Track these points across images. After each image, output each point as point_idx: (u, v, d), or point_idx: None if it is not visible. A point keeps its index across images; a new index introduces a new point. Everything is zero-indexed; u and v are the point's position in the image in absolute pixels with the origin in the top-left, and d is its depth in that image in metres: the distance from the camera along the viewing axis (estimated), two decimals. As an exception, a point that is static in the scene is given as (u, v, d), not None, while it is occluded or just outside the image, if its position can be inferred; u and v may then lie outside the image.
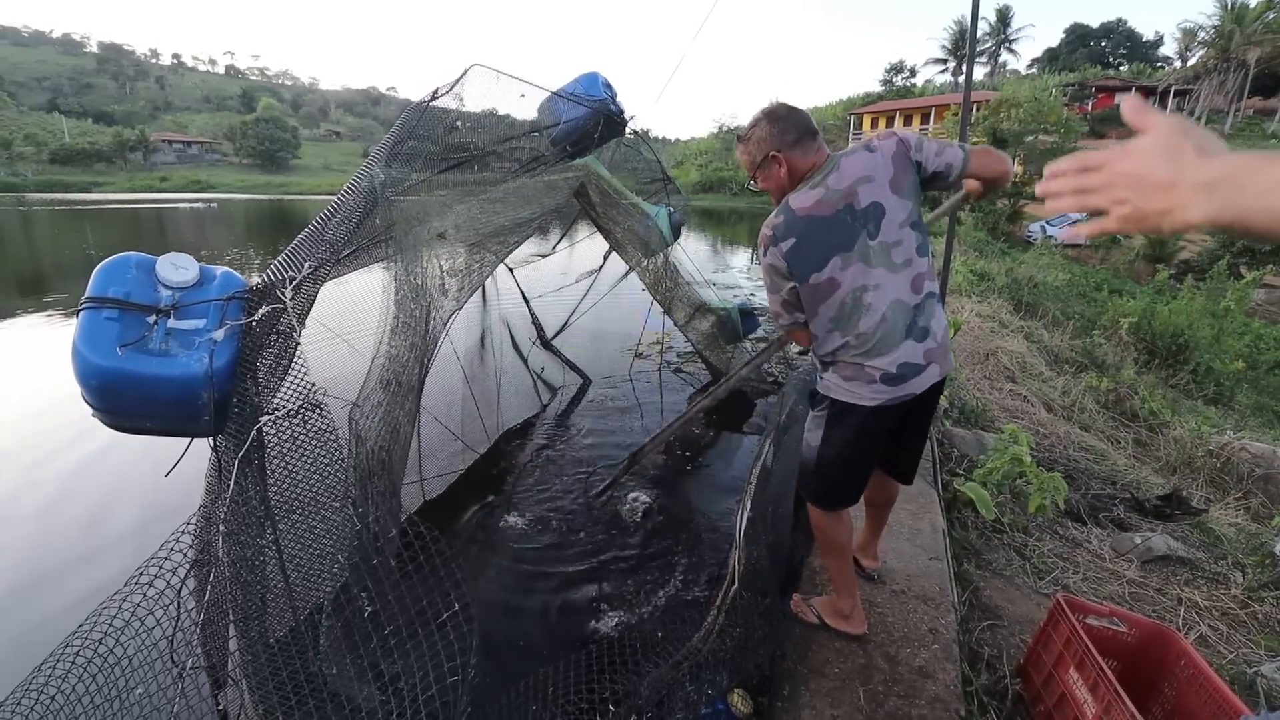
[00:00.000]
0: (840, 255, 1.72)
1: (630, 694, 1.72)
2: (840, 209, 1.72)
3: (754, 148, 1.86)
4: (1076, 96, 36.44)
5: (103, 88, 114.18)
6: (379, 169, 1.93)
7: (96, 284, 1.29)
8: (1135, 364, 6.58)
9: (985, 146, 1.84)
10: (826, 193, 1.73)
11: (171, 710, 1.13)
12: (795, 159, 1.80)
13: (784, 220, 1.76)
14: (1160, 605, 2.53)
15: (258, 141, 72.29)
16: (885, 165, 1.74)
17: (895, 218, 1.73)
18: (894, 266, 1.75)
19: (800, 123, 1.81)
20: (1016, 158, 21.74)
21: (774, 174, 1.84)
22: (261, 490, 1.29)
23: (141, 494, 3.63)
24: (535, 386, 5.22)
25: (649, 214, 4.62)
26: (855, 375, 1.80)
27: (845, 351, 1.80)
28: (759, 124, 1.85)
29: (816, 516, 2.07)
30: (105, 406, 1.29)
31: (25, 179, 55.29)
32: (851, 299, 1.74)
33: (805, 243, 1.74)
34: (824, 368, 1.92)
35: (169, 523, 2.48)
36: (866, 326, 1.75)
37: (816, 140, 1.83)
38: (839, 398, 1.85)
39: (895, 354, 1.76)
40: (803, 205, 1.75)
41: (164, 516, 3.32)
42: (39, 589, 2.88)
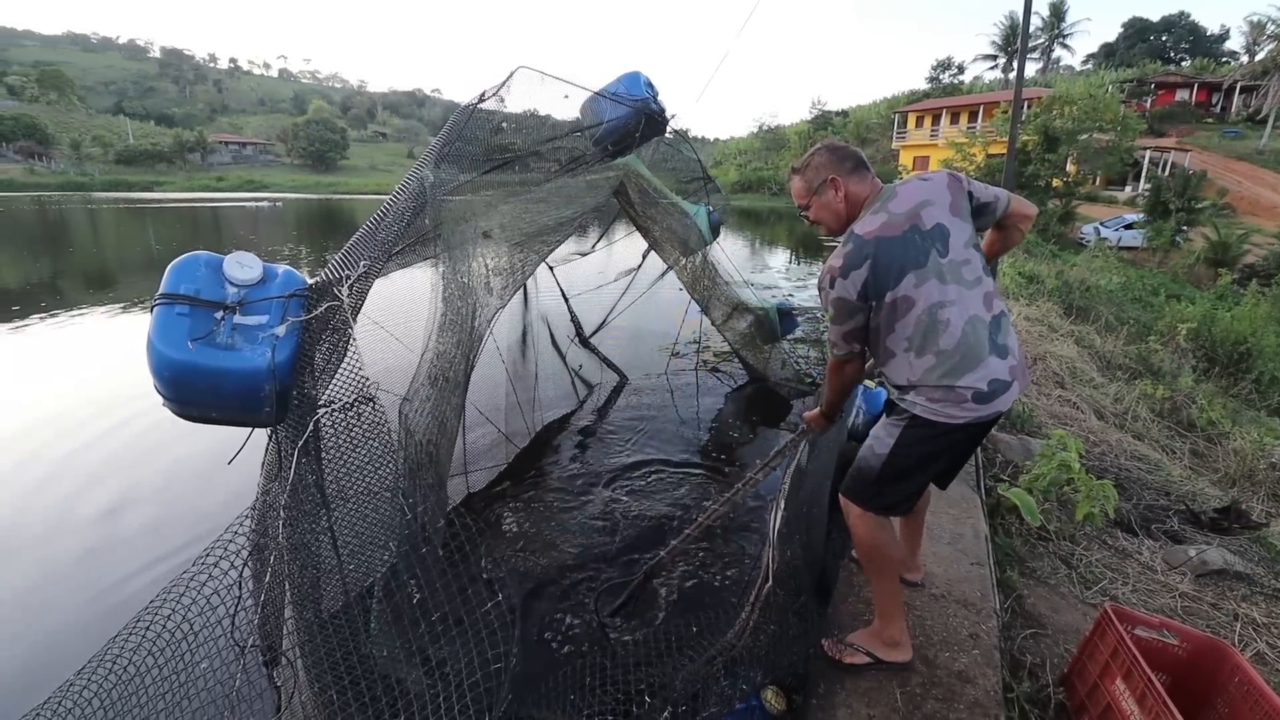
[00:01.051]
0: (914, 272, 1.72)
1: (665, 686, 1.74)
2: (907, 230, 1.74)
3: (812, 174, 1.88)
4: (1135, 93, 34.93)
5: (164, 91, 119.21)
6: (429, 170, 1.99)
7: (169, 281, 1.37)
8: (1193, 372, 6.32)
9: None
10: (890, 216, 1.75)
11: (234, 685, 1.20)
12: (852, 185, 1.84)
13: (853, 247, 1.75)
14: (1214, 620, 2.44)
15: (308, 142, 74.51)
16: (942, 191, 1.79)
17: (960, 238, 1.77)
18: (967, 283, 1.75)
19: (856, 154, 1.88)
20: (1070, 156, 21.00)
21: (830, 201, 1.87)
22: (318, 478, 1.35)
23: (201, 481, 3.80)
24: (573, 383, 5.28)
25: (688, 213, 4.63)
26: (944, 397, 1.75)
27: (930, 375, 1.75)
28: (817, 153, 1.90)
29: (863, 527, 1.95)
30: (176, 397, 1.37)
31: (93, 178, 58.01)
32: (928, 316, 1.72)
33: (878, 263, 1.72)
34: (903, 391, 1.84)
35: (227, 506, 2.60)
36: (948, 344, 1.72)
37: (870, 172, 1.88)
38: (924, 415, 1.79)
39: (982, 370, 1.72)
40: (869, 229, 1.75)
41: (226, 501, 3.49)
42: (111, 565, 3.05)
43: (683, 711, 1.70)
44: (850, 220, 1.87)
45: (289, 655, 1.31)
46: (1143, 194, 22.31)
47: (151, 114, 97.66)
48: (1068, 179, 20.74)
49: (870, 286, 1.74)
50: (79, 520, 3.46)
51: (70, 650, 2.42)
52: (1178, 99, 35.27)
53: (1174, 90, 35.73)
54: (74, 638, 2.54)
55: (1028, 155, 19.34)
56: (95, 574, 2.98)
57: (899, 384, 1.84)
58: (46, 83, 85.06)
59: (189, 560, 1.95)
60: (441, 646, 1.22)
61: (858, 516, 1.95)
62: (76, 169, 61.08)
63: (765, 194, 43.56)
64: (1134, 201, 23.26)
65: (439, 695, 1.17)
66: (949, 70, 54.40)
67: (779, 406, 5.22)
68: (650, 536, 3.20)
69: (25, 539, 3.31)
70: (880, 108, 49.06)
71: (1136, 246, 17.06)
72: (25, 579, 2.98)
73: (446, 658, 1.21)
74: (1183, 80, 36.48)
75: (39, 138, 63.71)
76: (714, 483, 3.82)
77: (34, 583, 2.95)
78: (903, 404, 1.85)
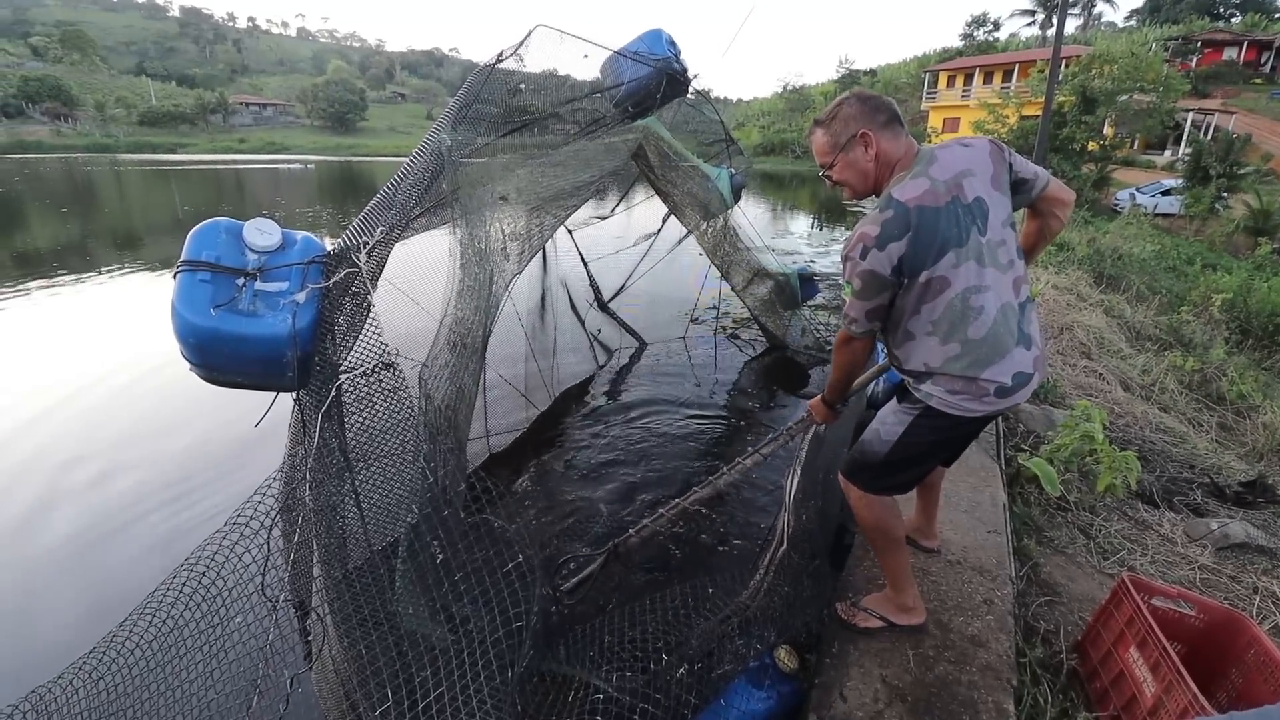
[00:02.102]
0: (954, 251, 1.54)
1: (681, 644, 1.79)
2: (949, 201, 1.54)
3: (838, 126, 1.65)
4: (1179, 51, 33.27)
5: (184, 51, 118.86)
6: (446, 133, 1.97)
7: (190, 248, 1.39)
8: (1226, 344, 6.15)
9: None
10: (932, 183, 1.55)
11: (266, 639, 1.25)
12: (885, 142, 1.62)
13: (894, 215, 1.53)
14: (1234, 593, 2.43)
15: (328, 104, 74.12)
16: (984, 161, 1.61)
17: (999, 215, 1.60)
18: (1001, 267, 1.60)
19: (890, 106, 1.65)
20: (1109, 118, 20.19)
21: (858, 159, 1.65)
22: (341, 442, 1.39)
23: (231, 441, 3.91)
24: (592, 347, 5.30)
25: (709, 176, 4.55)
26: (965, 389, 1.62)
27: (953, 365, 1.61)
28: (846, 103, 1.66)
29: (864, 506, 1.89)
30: (201, 362, 1.40)
31: (118, 140, 58.40)
32: (961, 301, 1.56)
33: (920, 236, 1.52)
34: (918, 379, 1.71)
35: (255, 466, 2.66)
36: (977, 333, 1.58)
37: (905, 129, 1.66)
38: (939, 408, 1.67)
39: (1007, 363, 1.59)
40: (911, 195, 1.54)
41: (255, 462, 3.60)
42: (146, 522, 3.17)
43: (698, 668, 1.74)
44: (879, 184, 1.67)
45: (318, 611, 1.36)
46: (1183, 158, 21.44)
47: (172, 74, 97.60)
48: (1104, 142, 19.98)
49: (907, 262, 1.55)
50: (131, 479, 3.59)
51: (111, 605, 2.53)
52: (1225, 58, 33.56)
53: (1221, 49, 33.98)
54: (115, 593, 2.65)
55: (1063, 117, 18.60)
56: (135, 532, 3.10)
57: (914, 369, 1.70)
58: (69, 43, 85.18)
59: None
60: (464, 604, 1.27)
61: (859, 497, 1.89)
62: (101, 130, 61.48)
63: (789, 157, 42.64)
64: (1173, 166, 22.39)
65: (463, 651, 1.22)
66: (984, 27, 52.28)
67: (797, 374, 5.20)
68: (661, 495, 3.24)
69: (81, 493, 3.45)
70: (910, 66, 47.49)
71: (1173, 214, 16.48)
72: (72, 533, 3.10)
73: (469, 615, 1.26)
74: (1231, 38, 34.62)
75: (64, 99, 64.07)
76: (731, 448, 3.84)
77: (80, 538, 3.07)
78: (917, 393, 1.72)
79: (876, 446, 1.81)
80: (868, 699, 1.81)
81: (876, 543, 1.96)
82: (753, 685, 1.87)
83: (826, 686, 1.86)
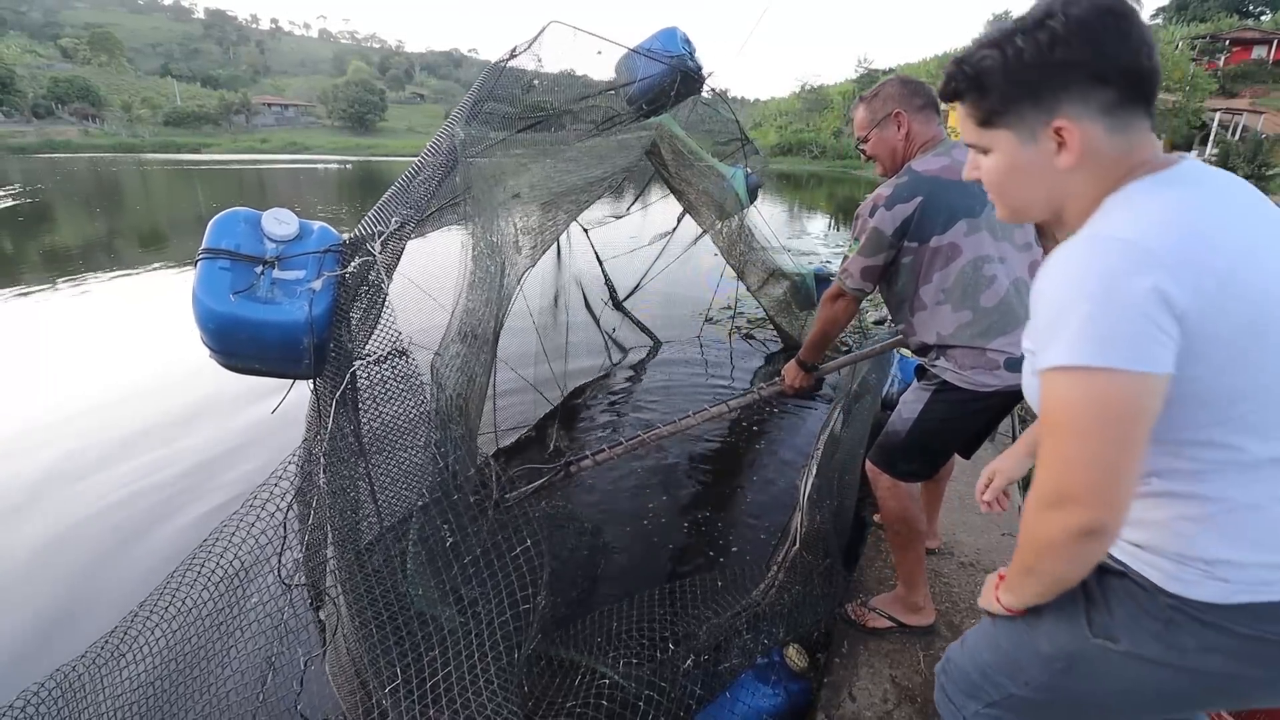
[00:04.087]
0: (966, 220, 1.64)
1: (689, 637, 1.80)
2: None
3: (878, 105, 1.79)
4: (1206, 50, 32.66)
5: (208, 52, 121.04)
6: (459, 129, 2.00)
7: (211, 236, 1.43)
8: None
9: None
10: (953, 161, 1.67)
11: (282, 618, 1.29)
12: (916, 124, 1.76)
13: (908, 180, 1.67)
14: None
15: (348, 104, 75.05)
16: None
17: None
18: (1017, 246, 1.68)
19: (928, 92, 1.77)
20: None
21: (890, 136, 1.78)
22: (356, 428, 1.42)
23: (247, 427, 3.98)
24: (606, 345, 5.31)
25: (725, 175, 4.55)
26: (976, 362, 1.67)
27: (963, 333, 1.67)
28: (889, 84, 1.81)
29: (893, 497, 1.92)
30: (220, 348, 1.44)
31: (143, 140, 59.55)
32: (972, 268, 1.64)
33: (931, 202, 1.63)
34: (933, 354, 1.78)
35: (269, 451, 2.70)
36: (989, 301, 1.63)
37: (939, 117, 1.80)
38: (954, 382, 1.73)
39: (1016, 334, 1.61)
40: (929, 168, 1.67)
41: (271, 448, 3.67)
42: (168, 505, 3.24)
43: (705, 660, 1.75)
44: (907, 161, 1.77)
45: (332, 593, 1.39)
46: (1209, 159, 21.08)
47: (197, 76, 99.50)
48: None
49: (912, 226, 1.65)
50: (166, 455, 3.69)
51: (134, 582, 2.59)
52: (1254, 56, 32.90)
53: (1250, 47, 33.32)
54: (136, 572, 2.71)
55: (1085, 116, 18.34)
56: (161, 512, 3.17)
57: (927, 341, 1.77)
58: (97, 45, 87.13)
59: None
60: (473, 587, 1.29)
61: (888, 487, 1.92)
62: (128, 131, 62.75)
63: (806, 157, 42.46)
64: (1200, 166, 21.95)
65: (471, 632, 1.24)
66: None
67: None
68: (675, 490, 3.25)
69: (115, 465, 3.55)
70: (930, 65, 47.02)
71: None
72: (101, 511, 3.18)
73: (478, 598, 1.28)
74: (1261, 36, 33.93)
75: (92, 100, 65.55)
76: (746, 441, 3.84)
77: (109, 515, 3.14)
78: (933, 369, 1.80)
79: (899, 426, 1.88)
80: (877, 699, 1.81)
81: (899, 535, 1.98)
82: (761, 681, 1.88)
83: (836, 686, 1.86)
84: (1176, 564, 0.82)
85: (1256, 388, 0.75)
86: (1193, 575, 0.81)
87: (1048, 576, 0.85)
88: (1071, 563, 0.81)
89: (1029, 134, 0.83)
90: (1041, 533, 0.80)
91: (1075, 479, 0.75)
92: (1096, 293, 0.72)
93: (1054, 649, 0.94)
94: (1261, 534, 0.79)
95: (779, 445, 3.87)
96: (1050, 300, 0.77)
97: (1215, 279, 0.71)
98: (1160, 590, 0.84)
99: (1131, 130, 0.80)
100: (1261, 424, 0.77)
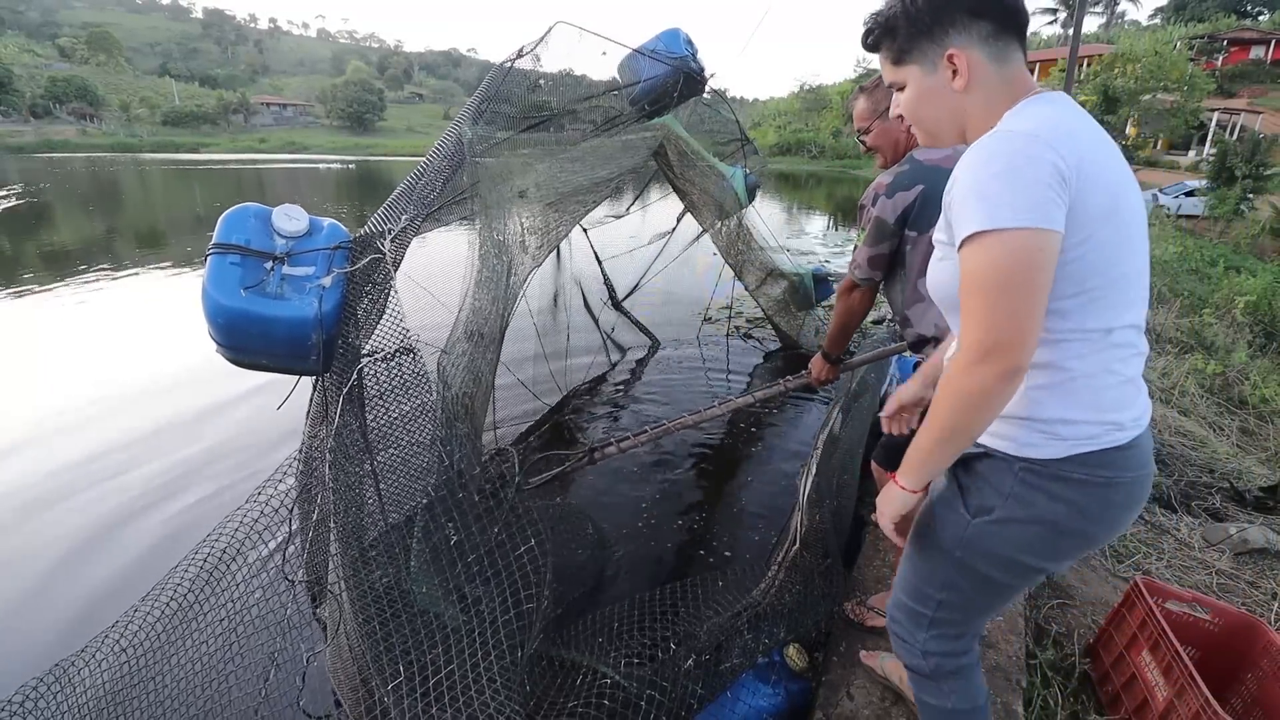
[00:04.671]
0: None
1: (690, 636, 1.80)
2: None
3: (881, 95, 1.79)
4: (1204, 50, 32.73)
5: (207, 52, 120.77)
6: (466, 128, 2.01)
7: (221, 231, 1.43)
8: (1249, 347, 6.05)
9: None
10: (956, 153, 1.66)
11: (284, 614, 1.29)
12: None
13: (909, 169, 1.68)
14: (1251, 598, 2.40)
15: (346, 104, 74.83)
16: None
17: None
18: None
19: None
20: (1131, 118, 19.95)
21: (893, 128, 1.78)
22: (361, 424, 1.42)
23: (249, 424, 3.98)
24: (605, 345, 5.32)
25: (724, 175, 4.56)
26: None
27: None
28: None
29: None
30: (229, 343, 1.44)
31: (141, 140, 59.27)
32: None
33: (932, 191, 1.63)
34: (930, 347, 1.77)
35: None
36: None
37: None
38: None
39: None
40: (931, 158, 1.68)
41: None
42: (173, 498, 3.25)
43: (706, 660, 1.76)
44: (909, 153, 1.77)
45: (334, 589, 1.40)
46: (1207, 159, 21.11)
47: (195, 75, 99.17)
48: (1127, 142, 19.74)
49: (913, 214, 1.66)
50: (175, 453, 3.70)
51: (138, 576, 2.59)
52: (1252, 56, 32.95)
53: (1248, 47, 33.38)
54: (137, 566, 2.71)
55: (1084, 117, 18.41)
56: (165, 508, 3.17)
57: (924, 334, 1.77)
58: (95, 44, 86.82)
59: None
60: (476, 586, 1.29)
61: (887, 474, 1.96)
62: (126, 130, 62.48)
63: (805, 157, 42.43)
64: (1197, 167, 22.02)
65: (474, 630, 1.24)
66: (1004, 27, 51.60)
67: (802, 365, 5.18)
68: (675, 491, 3.26)
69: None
70: (929, 67, 46.98)
71: (1197, 215, 16.21)
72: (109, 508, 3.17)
73: (481, 596, 1.28)
74: (1259, 36, 33.99)
75: (90, 99, 65.27)
76: (746, 441, 3.85)
77: (112, 513, 3.14)
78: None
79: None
80: (875, 698, 1.82)
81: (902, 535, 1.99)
82: (761, 681, 1.88)
83: (834, 685, 1.87)
84: (1026, 430, 1.02)
85: (1106, 265, 0.94)
86: (1038, 438, 1.01)
87: (963, 434, 0.98)
88: (992, 409, 0.94)
89: (930, 65, 1.04)
90: (973, 385, 0.92)
91: (1002, 329, 0.89)
92: (1006, 170, 0.89)
93: (951, 541, 1.13)
94: (1094, 399, 0.99)
95: (778, 445, 3.88)
96: (966, 183, 0.93)
97: (1086, 166, 0.90)
98: (1015, 458, 1.04)
99: (1009, 61, 1.01)
100: (1104, 300, 0.96)
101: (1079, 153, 0.90)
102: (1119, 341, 0.99)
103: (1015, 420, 1.03)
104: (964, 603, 1.19)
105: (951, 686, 1.24)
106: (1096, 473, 1.00)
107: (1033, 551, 1.08)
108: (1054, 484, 1.02)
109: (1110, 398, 0.99)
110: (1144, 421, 1.04)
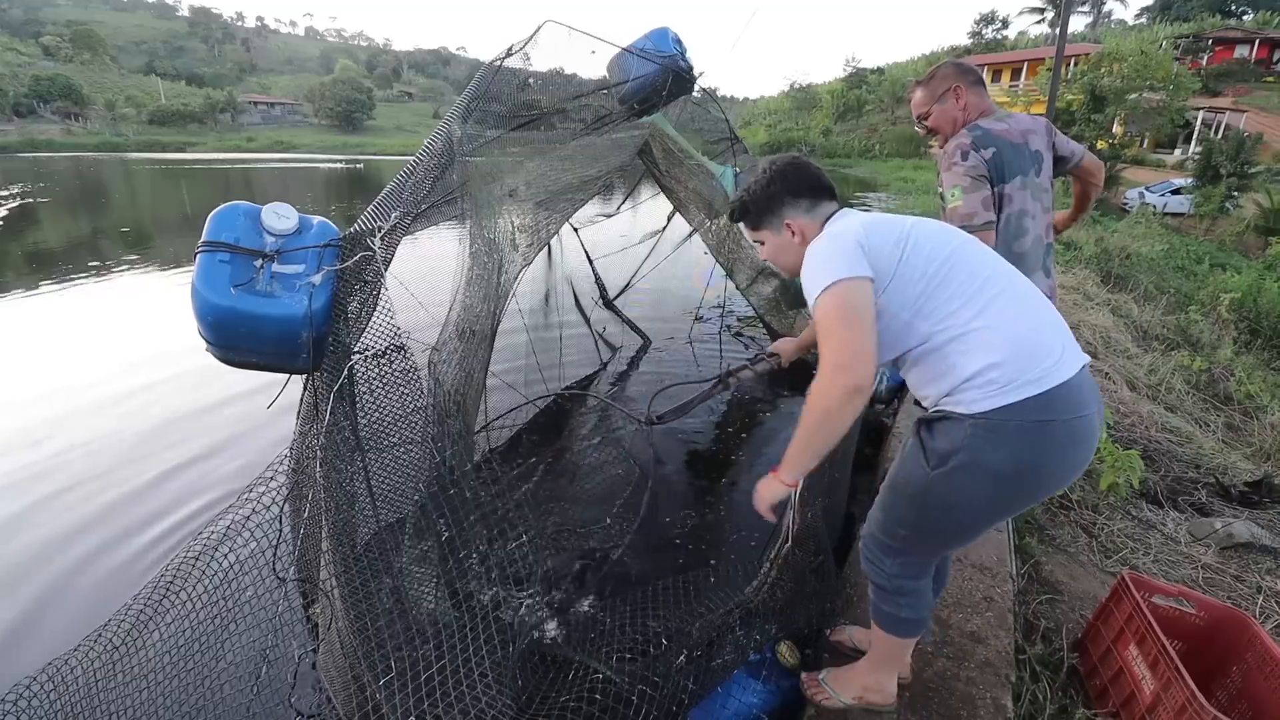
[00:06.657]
0: (1020, 177, 1.93)
1: (681, 633, 1.80)
2: (1021, 142, 1.97)
3: (937, 83, 2.06)
4: (1190, 49, 33.00)
5: (194, 50, 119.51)
6: (456, 126, 2.00)
7: (211, 229, 1.42)
8: (1234, 344, 6.12)
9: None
10: (1010, 126, 1.97)
11: (276, 610, 1.28)
12: (972, 96, 2.03)
13: (981, 133, 1.93)
14: (1236, 592, 2.43)
15: (335, 103, 74.27)
16: (1043, 129, 2.05)
17: (1046, 170, 2.03)
18: (1044, 207, 2.00)
19: (977, 72, 2.08)
20: (1118, 117, 20.09)
21: (950, 109, 2.04)
22: (353, 422, 1.41)
23: (238, 423, 3.95)
24: (596, 345, 5.31)
25: (714, 174, 4.57)
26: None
27: None
28: (943, 67, 2.10)
29: None
30: (218, 341, 1.43)
31: (127, 139, 58.60)
32: (1016, 219, 1.94)
33: (1001, 154, 1.91)
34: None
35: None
36: (1020, 248, 1.95)
37: (987, 92, 2.08)
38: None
39: (1034, 279, 1.86)
40: (995, 128, 1.95)
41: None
42: (164, 493, 3.24)
43: (698, 657, 1.76)
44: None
45: (326, 587, 1.39)
46: (1193, 157, 21.30)
47: (182, 74, 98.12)
48: (1113, 141, 19.89)
49: (993, 168, 1.91)
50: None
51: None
52: (1236, 56, 33.25)
53: (1233, 46, 33.68)
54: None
55: (1072, 115, 18.55)
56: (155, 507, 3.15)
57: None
58: (80, 42, 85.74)
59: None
60: (469, 582, 1.29)
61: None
62: (112, 129, 61.80)
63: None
64: (1183, 165, 22.21)
65: (466, 626, 1.24)
66: (993, 25, 52.04)
67: (802, 373, 5.19)
68: (667, 488, 3.26)
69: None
70: (919, 65, 47.28)
71: (1183, 213, 16.36)
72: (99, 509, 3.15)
73: (474, 592, 1.28)
74: (1243, 36, 34.30)
75: (75, 98, 64.50)
76: (736, 438, 3.86)
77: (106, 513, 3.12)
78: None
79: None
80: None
81: None
82: (753, 678, 1.89)
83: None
84: (968, 390, 1.25)
85: (920, 290, 1.29)
86: (977, 394, 1.24)
87: (821, 440, 1.28)
88: (843, 419, 1.23)
89: (777, 229, 1.48)
90: (828, 394, 1.22)
91: (844, 354, 1.21)
92: (830, 250, 1.31)
93: (914, 489, 1.38)
94: (1010, 348, 1.23)
95: (769, 442, 3.89)
96: (810, 268, 1.32)
97: (871, 237, 1.31)
98: (965, 415, 1.26)
99: (821, 211, 1.45)
100: (945, 292, 1.28)
101: (865, 232, 1.32)
102: (988, 309, 1.26)
103: (960, 385, 1.26)
104: (923, 539, 1.45)
105: (906, 601, 1.51)
106: (1032, 416, 1.20)
107: (984, 495, 1.29)
108: (996, 433, 1.22)
109: (1025, 347, 1.23)
110: (1067, 367, 1.23)
